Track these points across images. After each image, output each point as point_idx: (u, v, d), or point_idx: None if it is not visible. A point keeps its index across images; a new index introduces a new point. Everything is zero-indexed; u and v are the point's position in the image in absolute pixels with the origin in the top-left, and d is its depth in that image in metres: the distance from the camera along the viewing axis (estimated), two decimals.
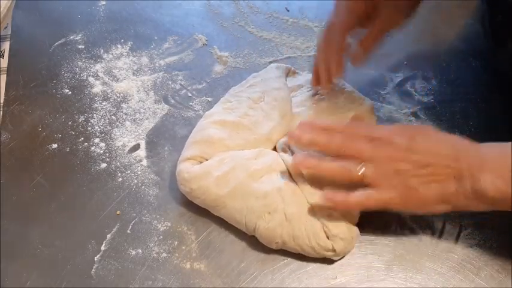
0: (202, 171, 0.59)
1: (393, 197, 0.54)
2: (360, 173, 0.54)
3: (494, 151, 0.53)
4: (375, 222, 0.62)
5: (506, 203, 0.52)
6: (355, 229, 0.59)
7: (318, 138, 0.57)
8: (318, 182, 0.59)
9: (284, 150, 0.63)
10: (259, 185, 0.58)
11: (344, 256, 0.59)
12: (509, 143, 0.53)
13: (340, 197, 0.55)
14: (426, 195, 0.53)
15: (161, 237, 0.60)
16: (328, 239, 0.57)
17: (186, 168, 0.60)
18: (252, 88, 0.67)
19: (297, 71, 0.72)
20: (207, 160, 0.61)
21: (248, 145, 0.62)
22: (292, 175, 0.60)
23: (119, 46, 0.78)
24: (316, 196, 0.59)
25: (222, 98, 0.68)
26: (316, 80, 0.66)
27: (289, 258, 0.59)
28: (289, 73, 0.71)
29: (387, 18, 0.63)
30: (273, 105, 0.64)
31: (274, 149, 0.64)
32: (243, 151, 0.61)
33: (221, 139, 0.61)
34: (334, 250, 0.57)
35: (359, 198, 0.55)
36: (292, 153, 0.62)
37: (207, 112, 0.65)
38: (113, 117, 0.70)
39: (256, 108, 0.65)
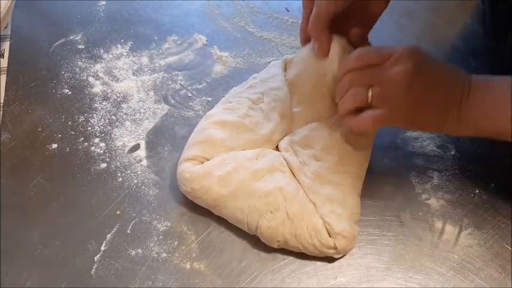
0: (204, 171, 0.59)
1: (394, 115, 0.56)
2: (367, 95, 0.56)
3: (482, 84, 0.56)
4: (375, 222, 0.62)
5: (484, 134, 0.57)
6: (357, 227, 0.59)
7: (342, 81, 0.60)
8: (320, 178, 0.60)
9: (287, 150, 0.63)
10: (260, 185, 0.58)
11: (345, 254, 0.59)
12: (501, 78, 0.56)
13: (349, 118, 0.59)
14: (425, 116, 0.56)
15: (161, 237, 0.60)
16: (330, 236, 0.57)
17: (188, 168, 0.60)
18: (251, 89, 0.67)
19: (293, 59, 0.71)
20: (208, 160, 0.61)
21: (249, 145, 0.62)
22: (294, 173, 0.60)
23: (119, 46, 0.78)
24: (317, 195, 0.59)
25: (222, 99, 0.68)
26: (306, 41, 0.67)
27: (289, 258, 0.59)
28: (287, 64, 0.70)
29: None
30: (272, 106, 0.65)
31: (275, 148, 0.64)
32: (244, 151, 0.62)
33: (222, 139, 0.61)
34: (335, 248, 0.57)
35: (362, 117, 0.57)
36: (295, 153, 0.62)
37: (207, 112, 0.65)
38: (113, 117, 0.70)
39: (256, 108, 0.65)
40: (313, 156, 0.62)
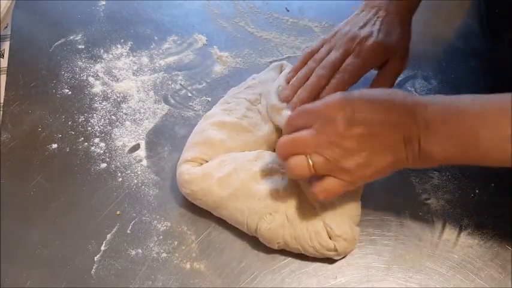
0: (203, 172, 0.59)
1: (349, 180, 0.52)
2: (309, 165, 0.51)
3: (442, 109, 0.50)
4: (375, 222, 0.62)
5: (456, 163, 0.52)
6: (357, 229, 0.59)
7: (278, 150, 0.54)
8: None
9: None
10: (260, 187, 0.58)
11: (345, 256, 0.59)
12: (459, 97, 0.50)
13: (310, 191, 0.55)
14: (379, 166, 0.51)
15: (161, 237, 0.60)
16: (330, 239, 0.57)
17: (187, 170, 0.60)
18: (250, 89, 0.67)
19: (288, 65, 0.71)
20: (207, 162, 0.61)
21: (248, 146, 0.62)
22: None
23: (119, 46, 0.78)
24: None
25: (221, 99, 0.68)
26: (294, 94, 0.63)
27: (289, 258, 0.59)
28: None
29: (400, 63, 0.65)
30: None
31: (273, 150, 0.64)
32: (243, 153, 0.61)
33: (221, 140, 0.61)
34: (336, 250, 0.57)
35: (313, 191, 0.53)
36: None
37: (206, 113, 0.65)
38: (113, 117, 0.70)
39: (253, 109, 0.65)
40: None
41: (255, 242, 0.59)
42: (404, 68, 0.67)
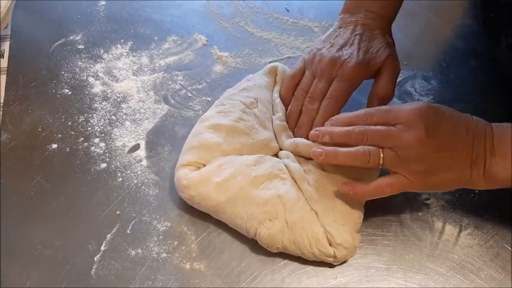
0: (201, 177, 0.59)
1: (413, 181, 0.55)
2: (379, 156, 0.55)
3: (506, 133, 0.55)
4: (375, 222, 0.62)
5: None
6: (358, 236, 0.59)
7: (338, 134, 0.58)
8: (323, 187, 0.59)
9: (289, 157, 0.62)
10: (259, 192, 0.58)
11: (345, 261, 0.59)
12: None
13: (360, 186, 0.57)
14: (444, 178, 0.55)
15: (161, 237, 0.60)
16: (330, 245, 0.57)
17: (185, 175, 0.59)
18: (244, 92, 0.67)
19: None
20: (204, 165, 0.61)
21: (245, 150, 0.62)
22: (296, 181, 0.60)
23: (119, 46, 0.78)
24: (319, 204, 0.58)
25: (216, 101, 0.67)
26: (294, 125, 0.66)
27: (289, 259, 0.59)
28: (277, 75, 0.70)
29: (393, 68, 0.66)
30: (268, 116, 0.65)
31: (274, 155, 0.64)
32: (242, 156, 0.61)
33: (217, 144, 0.61)
34: (335, 257, 0.57)
35: (378, 184, 0.56)
36: (299, 160, 0.62)
37: (202, 116, 0.65)
38: (113, 117, 0.70)
39: (249, 113, 0.64)
40: (319, 165, 0.61)
41: (255, 242, 0.59)
42: (398, 73, 0.67)
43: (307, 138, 0.62)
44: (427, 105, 0.55)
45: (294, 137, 0.64)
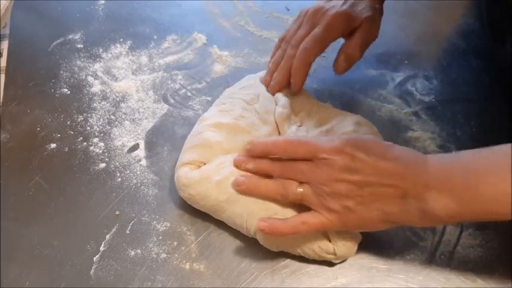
0: (201, 176, 0.59)
1: (331, 219, 0.53)
2: (297, 192, 0.54)
3: (443, 166, 0.50)
4: None
5: (459, 220, 0.53)
6: (358, 234, 0.58)
7: (260, 165, 0.57)
8: None
9: None
10: None
11: (345, 260, 0.59)
12: (459, 153, 0.50)
13: (277, 223, 0.54)
14: (365, 216, 0.52)
15: (160, 237, 0.60)
16: (329, 241, 0.57)
17: (185, 174, 0.59)
18: (244, 90, 0.66)
19: None
20: (205, 164, 0.60)
21: None
22: None
23: (118, 45, 0.77)
24: None
25: (216, 100, 0.67)
26: (268, 81, 0.67)
27: (289, 259, 0.59)
28: None
29: (367, 32, 0.65)
30: (269, 108, 0.64)
31: None
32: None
33: (218, 142, 0.61)
34: (335, 254, 0.57)
35: (294, 223, 0.54)
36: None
37: (202, 115, 0.65)
38: (112, 116, 0.70)
39: (250, 109, 0.64)
40: None
41: (255, 242, 0.59)
42: (372, 39, 0.66)
43: (285, 84, 0.65)
44: (346, 141, 0.52)
45: (272, 82, 0.66)
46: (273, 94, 0.66)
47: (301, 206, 0.57)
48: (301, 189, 0.54)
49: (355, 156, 0.51)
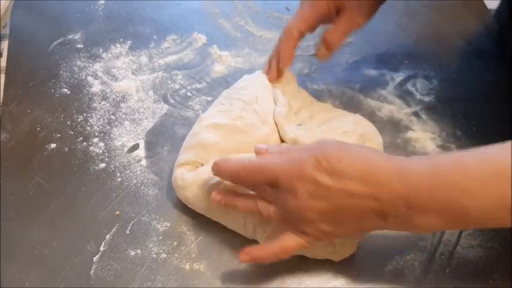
0: (196, 178, 0.58)
1: (309, 240, 0.51)
2: (269, 213, 0.51)
3: (423, 181, 0.45)
4: None
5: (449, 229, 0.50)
6: None
7: (232, 202, 0.55)
8: None
9: None
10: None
11: (346, 257, 0.59)
12: (439, 161, 0.46)
13: (254, 255, 0.53)
14: (344, 232, 0.50)
15: (160, 237, 0.60)
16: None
17: (181, 175, 0.59)
18: (243, 90, 0.66)
19: None
20: (202, 165, 0.60)
21: (244, 148, 0.61)
22: None
23: (118, 45, 0.77)
24: None
25: (215, 101, 0.67)
26: (268, 69, 0.67)
27: (289, 259, 0.59)
28: None
29: (350, 19, 0.65)
30: (268, 108, 0.64)
31: None
32: (238, 155, 0.61)
33: (216, 143, 0.60)
34: (335, 252, 0.57)
35: (274, 250, 0.52)
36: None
37: (200, 115, 0.65)
38: (112, 116, 0.70)
39: (248, 110, 0.64)
40: None
41: (255, 242, 0.59)
42: (355, 27, 0.65)
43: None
44: (307, 160, 0.47)
45: (270, 71, 0.66)
46: (271, 81, 0.66)
47: None
48: (273, 210, 0.51)
49: (318, 181, 0.47)
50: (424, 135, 0.70)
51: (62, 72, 0.74)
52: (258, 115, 0.63)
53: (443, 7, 0.85)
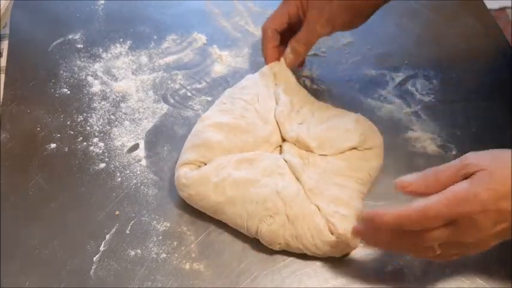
0: (200, 176, 0.58)
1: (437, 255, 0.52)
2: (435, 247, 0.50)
3: None
4: None
5: None
6: None
7: (385, 240, 0.52)
8: (324, 179, 0.60)
9: (290, 149, 0.62)
10: (257, 190, 0.58)
11: (348, 254, 0.59)
12: None
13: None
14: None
15: (160, 237, 0.60)
16: (332, 234, 0.57)
17: (185, 174, 0.59)
18: (245, 89, 0.66)
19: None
20: (205, 164, 0.60)
21: (247, 147, 0.62)
22: (296, 174, 0.60)
23: (118, 45, 0.77)
24: (320, 196, 0.58)
25: (216, 101, 0.67)
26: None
27: (289, 259, 0.59)
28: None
29: (309, 27, 0.65)
30: (269, 108, 0.64)
31: (275, 149, 0.64)
32: (240, 154, 0.61)
33: (219, 142, 0.60)
34: (337, 247, 0.57)
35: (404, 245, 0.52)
36: (301, 153, 0.62)
37: (203, 115, 0.65)
38: (112, 116, 0.70)
39: (250, 109, 0.64)
40: (322, 158, 0.61)
41: (255, 242, 0.59)
42: (317, 35, 0.65)
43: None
44: (487, 191, 0.46)
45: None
46: (267, 63, 0.68)
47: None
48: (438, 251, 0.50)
49: (501, 210, 0.46)
50: (424, 135, 0.70)
51: (61, 72, 0.74)
52: (259, 114, 0.64)
53: (444, 7, 0.85)
